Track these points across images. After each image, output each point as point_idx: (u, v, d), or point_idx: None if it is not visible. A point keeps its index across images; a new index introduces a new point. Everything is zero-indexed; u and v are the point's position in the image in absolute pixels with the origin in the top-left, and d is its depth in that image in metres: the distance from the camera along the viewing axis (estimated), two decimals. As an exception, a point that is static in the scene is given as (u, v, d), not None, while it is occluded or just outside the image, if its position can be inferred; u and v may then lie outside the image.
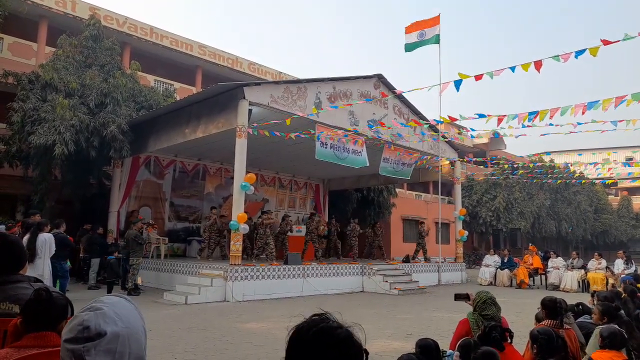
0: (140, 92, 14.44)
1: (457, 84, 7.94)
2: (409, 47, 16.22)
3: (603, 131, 10.86)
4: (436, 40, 15.82)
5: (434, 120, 10.95)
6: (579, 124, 10.76)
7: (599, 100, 7.46)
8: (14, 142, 12.87)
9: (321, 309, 1.08)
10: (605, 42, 6.80)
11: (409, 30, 16.11)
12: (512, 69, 7.30)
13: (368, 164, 13.43)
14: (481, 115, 9.09)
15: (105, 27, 16.10)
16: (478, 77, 7.74)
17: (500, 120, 8.82)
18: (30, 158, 12.66)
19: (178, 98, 15.42)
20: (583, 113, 7.91)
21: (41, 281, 1.81)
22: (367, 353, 1.14)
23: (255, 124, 11.08)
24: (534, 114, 8.59)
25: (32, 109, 12.39)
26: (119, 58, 15.47)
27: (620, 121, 9.82)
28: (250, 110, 10.87)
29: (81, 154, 12.52)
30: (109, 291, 10.65)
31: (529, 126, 11.37)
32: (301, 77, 19.12)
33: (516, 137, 12.00)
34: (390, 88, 14.24)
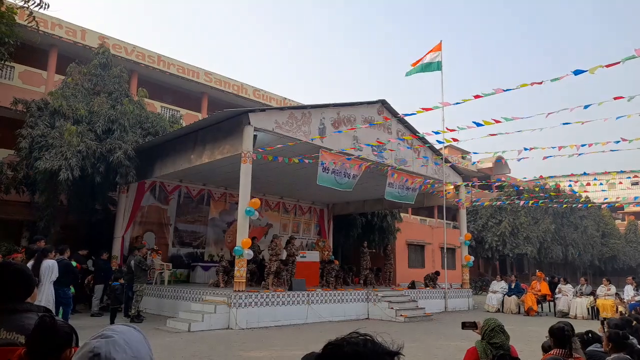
0: (146, 119, 14.63)
1: (457, 104, 8.11)
2: (411, 71, 16.42)
3: (605, 151, 10.91)
4: (438, 67, 16.05)
5: (432, 132, 10.93)
6: (582, 145, 10.80)
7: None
8: (21, 168, 13.00)
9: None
10: (608, 65, 6.91)
11: (414, 64, 16.34)
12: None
13: (352, 189, 13.46)
14: (479, 124, 9.26)
15: (114, 56, 16.47)
16: (477, 96, 7.94)
17: (496, 122, 8.93)
18: (37, 184, 12.77)
19: (184, 124, 15.62)
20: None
21: (50, 311, 1.80)
22: None
23: (260, 149, 11.17)
24: (529, 117, 8.79)
25: (40, 135, 12.56)
26: (127, 85, 15.75)
27: (623, 140, 9.85)
28: (255, 136, 10.98)
29: (87, 180, 12.62)
30: (112, 318, 10.54)
31: (531, 149, 11.44)
32: (306, 102, 19.35)
33: (518, 160, 12.00)
34: (394, 113, 14.37)
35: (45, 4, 7.45)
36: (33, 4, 7.41)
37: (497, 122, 8.99)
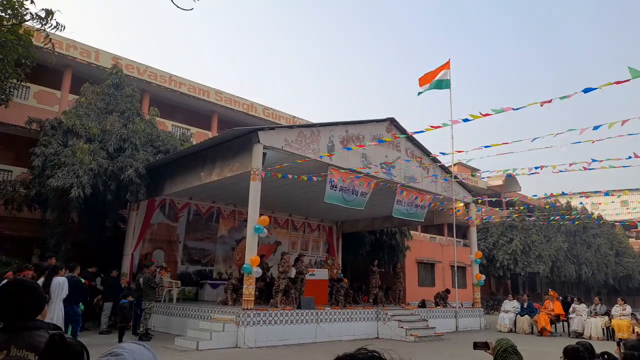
0: (157, 137, 14.81)
1: (465, 121, 8.14)
2: (421, 92, 16.53)
3: (618, 167, 10.77)
4: (447, 85, 16.11)
5: (440, 153, 10.95)
6: (594, 160, 10.70)
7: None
8: (34, 186, 13.18)
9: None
10: (618, 82, 6.90)
11: (422, 82, 16.45)
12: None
13: (364, 208, 13.42)
14: (487, 147, 9.32)
15: (127, 76, 16.77)
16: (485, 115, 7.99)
17: (505, 144, 8.92)
18: (48, 201, 12.90)
19: (194, 142, 15.76)
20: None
21: (60, 328, 1.80)
22: None
23: (269, 167, 11.22)
24: (536, 139, 8.76)
25: (53, 153, 12.75)
26: (139, 104, 15.99)
27: (636, 156, 9.73)
28: (264, 154, 11.04)
29: (98, 198, 12.73)
30: (120, 336, 10.50)
31: (542, 167, 11.38)
32: (314, 121, 19.48)
33: (529, 174, 11.90)
34: (403, 131, 14.39)
35: (62, 26, 7.65)
36: (50, 27, 7.60)
37: (506, 143, 8.99)
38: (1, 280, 9.79)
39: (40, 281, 7.63)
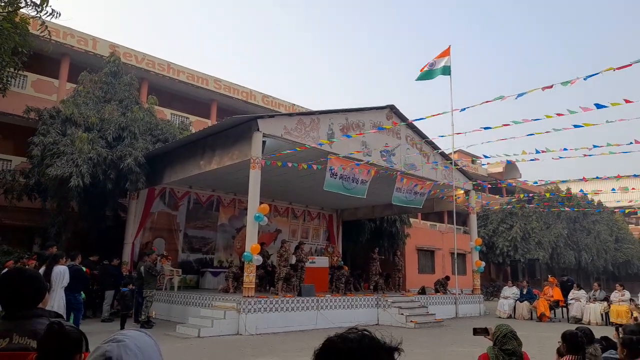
0: (156, 126, 14.75)
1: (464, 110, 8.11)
2: (420, 77, 16.41)
3: (618, 152, 10.77)
4: (447, 71, 15.99)
5: (439, 136, 10.94)
6: (595, 146, 10.68)
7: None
8: (33, 175, 13.17)
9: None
10: (619, 68, 6.87)
11: (423, 69, 16.33)
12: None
13: (365, 196, 13.43)
14: (487, 128, 9.32)
15: (125, 64, 16.64)
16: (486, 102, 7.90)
17: (505, 125, 8.94)
18: (48, 190, 12.91)
19: (194, 131, 15.71)
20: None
21: (61, 316, 1.81)
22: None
23: (269, 155, 11.20)
24: (537, 120, 8.74)
25: (52, 142, 12.72)
26: (137, 93, 15.91)
27: (637, 142, 9.71)
28: (264, 142, 11.02)
29: (98, 187, 12.73)
30: (122, 324, 10.59)
31: (542, 151, 11.36)
32: (314, 109, 19.36)
33: (530, 160, 11.89)
34: (403, 119, 14.34)
35: (57, 13, 7.58)
36: (45, 14, 7.53)
37: (506, 125, 8.97)
38: (2, 269, 9.84)
39: (42, 270, 7.67)
